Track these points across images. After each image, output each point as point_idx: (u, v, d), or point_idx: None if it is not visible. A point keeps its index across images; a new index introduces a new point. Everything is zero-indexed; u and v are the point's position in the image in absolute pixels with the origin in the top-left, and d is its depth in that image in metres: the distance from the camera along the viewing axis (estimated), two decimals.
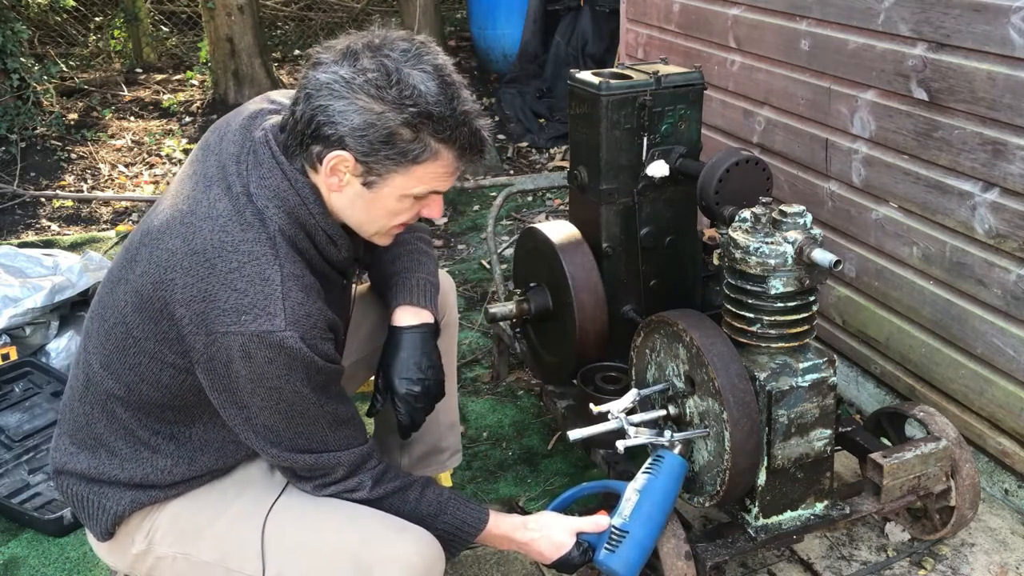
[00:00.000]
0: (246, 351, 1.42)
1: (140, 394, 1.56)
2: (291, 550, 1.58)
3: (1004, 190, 2.15)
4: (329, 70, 1.42)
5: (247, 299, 1.41)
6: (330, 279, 1.59)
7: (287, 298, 1.43)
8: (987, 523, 2.24)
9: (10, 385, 2.81)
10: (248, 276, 1.42)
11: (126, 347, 1.54)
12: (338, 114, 1.41)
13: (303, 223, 1.50)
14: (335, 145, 1.43)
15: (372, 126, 1.41)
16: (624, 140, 2.23)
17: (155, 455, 1.61)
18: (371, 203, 1.51)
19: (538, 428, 2.77)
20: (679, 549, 1.82)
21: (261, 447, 1.55)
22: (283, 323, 1.41)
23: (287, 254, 1.47)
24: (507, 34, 6.30)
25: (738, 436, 1.76)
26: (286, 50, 7.85)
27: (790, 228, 1.78)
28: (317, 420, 1.52)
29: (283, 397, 1.47)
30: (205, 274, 1.43)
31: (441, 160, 1.47)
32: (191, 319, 1.44)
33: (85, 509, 1.65)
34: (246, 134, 1.54)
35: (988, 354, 2.27)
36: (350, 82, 1.40)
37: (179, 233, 1.47)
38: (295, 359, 1.43)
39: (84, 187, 5.17)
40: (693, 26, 3.32)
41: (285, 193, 1.48)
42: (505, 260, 3.72)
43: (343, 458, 1.57)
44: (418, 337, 1.81)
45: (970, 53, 2.17)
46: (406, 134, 1.42)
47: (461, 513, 1.67)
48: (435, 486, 1.69)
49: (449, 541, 1.66)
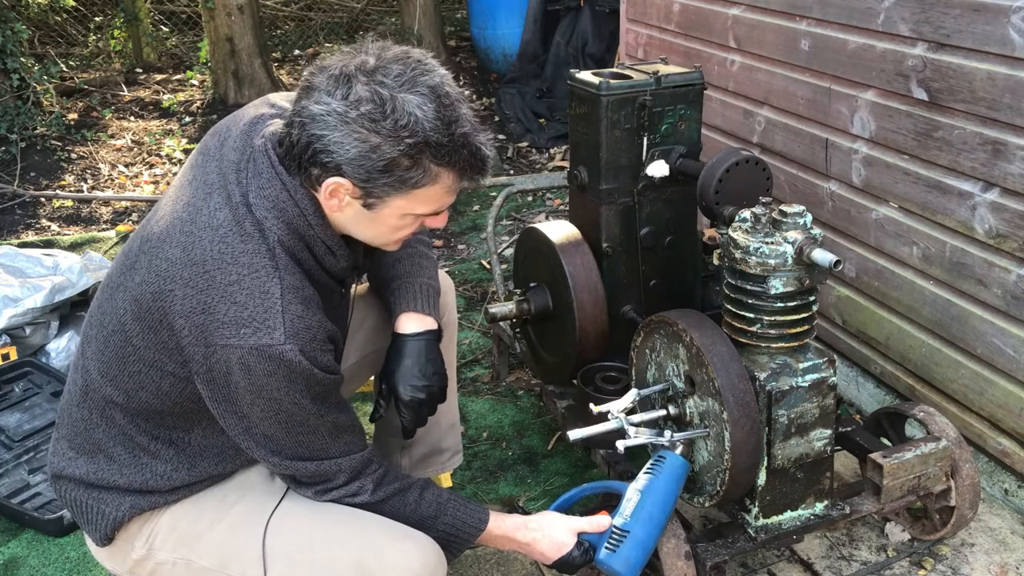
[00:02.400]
0: (245, 364, 1.42)
1: (139, 401, 1.56)
2: (292, 557, 1.57)
3: (1004, 190, 2.15)
4: (322, 101, 1.38)
5: (247, 312, 1.41)
6: (329, 288, 1.59)
7: (287, 311, 1.42)
8: (987, 523, 2.24)
9: (10, 385, 2.81)
10: (248, 289, 1.42)
11: (125, 355, 1.53)
12: (334, 144, 1.38)
13: (302, 234, 1.49)
14: (333, 172, 1.42)
15: (369, 157, 1.38)
16: (624, 140, 2.23)
17: (154, 460, 1.61)
18: (373, 222, 1.51)
19: (538, 428, 2.77)
20: (679, 549, 1.82)
21: (262, 456, 1.55)
22: (282, 336, 1.41)
23: (286, 266, 1.46)
24: (507, 34, 6.30)
25: (738, 436, 1.76)
26: (286, 50, 7.85)
27: (790, 228, 1.78)
28: (317, 429, 1.52)
29: (283, 408, 1.47)
30: (204, 286, 1.42)
31: (442, 182, 1.45)
32: (190, 331, 1.43)
33: (84, 514, 1.64)
34: (246, 141, 1.52)
35: (988, 354, 2.27)
36: (343, 115, 1.37)
37: (179, 242, 1.47)
38: (294, 372, 1.43)
39: (84, 187, 5.17)
40: (693, 26, 3.32)
41: (284, 204, 1.47)
42: (505, 260, 3.72)
43: (343, 464, 1.57)
44: (422, 344, 1.81)
45: (970, 53, 2.17)
46: (405, 163, 1.40)
47: (461, 514, 1.67)
48: (434, 488, 1.68)
49: (449, 542, 1.66)
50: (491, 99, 6.16)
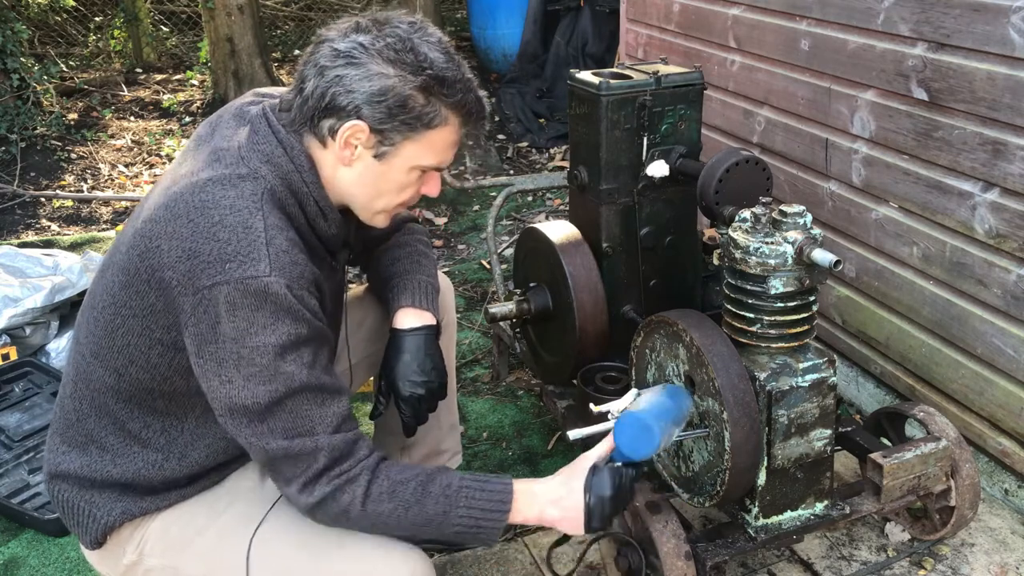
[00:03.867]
0: (231, 302, 1.38)
1: (130, 379, 1.54)
2: (277, 572, 1.55)
3: (1004, 190, 2.15)
4: (348, 39, 1.47)
5: (230, 247, 1.40)
6: (318, 255, 1.57)
7: (271, 244, 1.41)
8: (987, 523, 2.24)
9: (10, 385, 2.81)
10: (230, 226, 1.41)
11: (115, 328, 1.52)
12: (356, 82, 1.45)
13: (295, 189, 1.50)
14: (351, 115, 1.46)
15: (390, 90, 1.45)
16: (624, 140, 2.23)
17: (145, 450, 1.60)
18: (381, 176, 1.53)
19: (538, 428, 2.77)
20: (679, 549, 1.82)
21: (242, 431, 1.44)
22: (267, 268, 1.39)
23: (271, 210, 1.45)
24: (507, 34, 6.30)
25: (738, 436, 1.76)
26: (286, 50, 7.85)
27: (790, 228, 1.78)
28: (302, 391, 1.43)
29: (267, 358, 1.39)
30: (188, 233, 1.42)
31: (450, 126, 1.52)
32: (178, 280, 1.42)
33: (75, 517, 1.63)
34: (240, 120, 1.55)
35: (988, 354, 2.27)
36: (368, 48, 1.45)
37: (161, 203, 1.47)
38: (280, 307, 1.39)
39: (84, 187, 5.17)
40: (693, 26, 3.32)
41: (279, 159, 1.49)
42: (505, 260, 3.72)
43: (323, 442, 1.44)
44: (420, 339, 1.80)
45: (970, 53, 2.17)
46: (420, 98, 1.47)
47: (479, 501, 1.52)
48: (442, 477, 1.52)
49: (475, 536, 1.53)
50: (491, 99, 6.16)
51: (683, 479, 1.97)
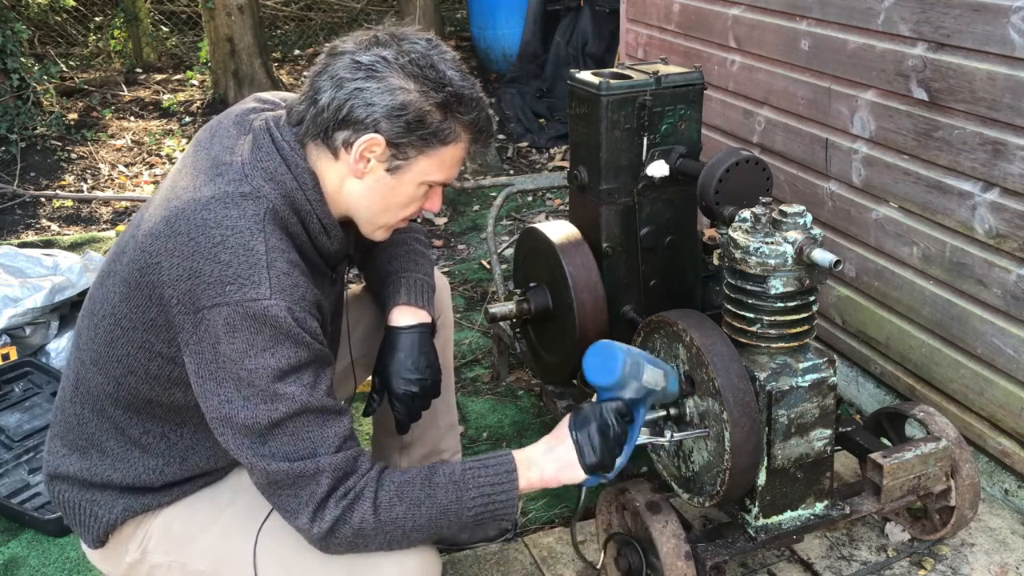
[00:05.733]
0: (231, 324, 1.37)
1: (129, 388, 1.54)
2: (285, 565, 1.55)
3: (1004, 190, 2.15)
4: (370, 52, 1.47)
5: (231, 270, 1.39)
6: (319, 270, 1.58)
7: (272, 267, 1.41)
8: (987, 523, 2.24)
9: (10, 385, 2.81)
10: (231, 248, 1.41)
11: (115, 338, 1.52)
12: (375, 95, 1.45)
13: (297, 208, 1.49)
14: (368, 128, 1.46)
15: (410, 105, 1.45)
16: (624, 140, 2.23)
17: (146, 455, 1.59)
18: (390, 190, 1.53)
19: (538, 428, 2.77)
20: (679, 549, 1.82)
21: (239, 449, 1.42)
22: (268, 291, 1.39)
23: (273, 231, 1.45)
24: (507, 34, 6.31)
25: (738, 436, 1.76)
26: (286, 50, 7.85)
27: (790, 228, 1.78)
28: (304, 413, 1.41)
29: (267, 381, 1.38)
30: (190, 252, 1.41)
31: (461, 143, 1.53)
32: (179, 299, 1.42)
33: (76, 516, 1.63)
34: (241, 128, 1.54)
35: (988, 354, 2.27)
36: (392, 62, 1.45)
37: (163, 218, 1.46)
38: (280, 331, 1.38)
39: (84, 187, 5.17)
40: (693, 26, 3.32)
41: (282, 177, 1.48)
42: (505, 260, 3.72)
43: (324, 463, 1.42)
44: (415, 337, 1.80)
45: (970, 53, 2.17)
46: (438, 115, 1.48)
47: (487, 478, 1.51)
48: (443, 468, 1.52)
49: (493, 516, 1.51)
50: (491, 99, 6.16)
51: (683, 479, 1.97)
